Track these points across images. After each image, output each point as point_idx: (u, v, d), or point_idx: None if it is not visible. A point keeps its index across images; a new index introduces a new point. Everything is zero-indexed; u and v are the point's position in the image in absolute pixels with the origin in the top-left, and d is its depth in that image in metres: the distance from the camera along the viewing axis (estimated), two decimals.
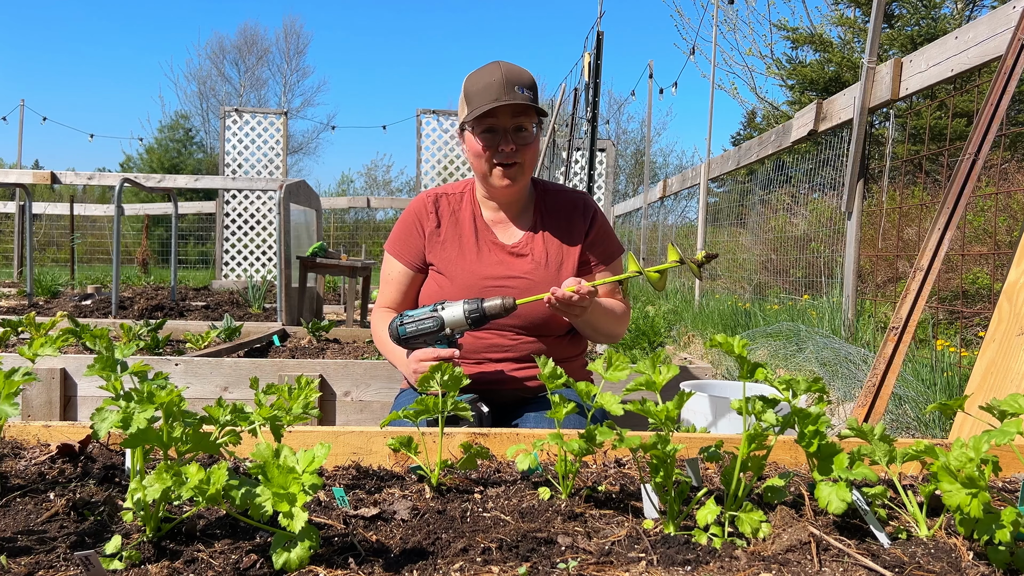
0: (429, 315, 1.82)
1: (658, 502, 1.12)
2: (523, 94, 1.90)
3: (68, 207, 11.94)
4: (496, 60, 1.96)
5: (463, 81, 1.99)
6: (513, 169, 1.96)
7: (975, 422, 1.65)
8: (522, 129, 1.94)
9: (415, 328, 1.83)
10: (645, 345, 4.80)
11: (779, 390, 1.15)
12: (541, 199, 2.13)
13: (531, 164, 2.01)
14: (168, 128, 30.97)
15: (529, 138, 1.96)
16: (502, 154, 1.94)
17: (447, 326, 1.81)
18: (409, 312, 1.85)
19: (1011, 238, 5.07)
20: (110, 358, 1.06)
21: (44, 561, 0.90)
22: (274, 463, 0.93)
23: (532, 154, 1.99)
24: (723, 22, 15.95)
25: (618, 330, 2.10)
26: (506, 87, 1.88)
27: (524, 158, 1.97)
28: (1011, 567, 0.95)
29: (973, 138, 2.22)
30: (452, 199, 2.13)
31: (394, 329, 1.84)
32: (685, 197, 12.28)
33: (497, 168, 1.96)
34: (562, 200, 2.14)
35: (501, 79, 1.89)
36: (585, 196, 2.17)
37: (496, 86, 1.88)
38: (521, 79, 1.92)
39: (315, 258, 5.47)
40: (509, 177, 1.97)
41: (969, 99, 10.32)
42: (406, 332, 1.84)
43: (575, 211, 2.12)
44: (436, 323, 1.81)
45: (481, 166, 1.98)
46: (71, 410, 3.07)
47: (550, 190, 2.16)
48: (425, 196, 2.13)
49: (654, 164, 30.22)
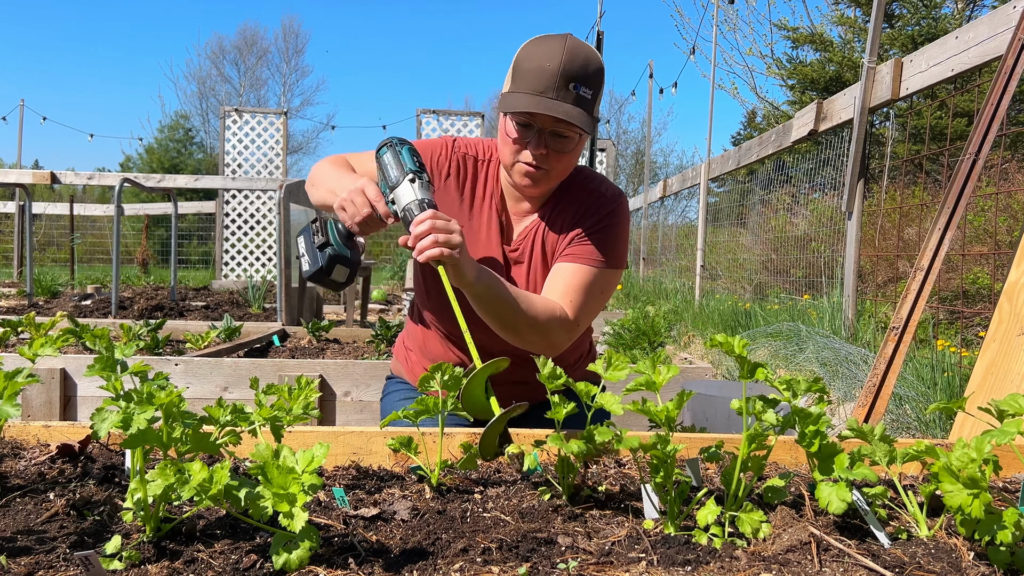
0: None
1: (658, 502, 1.11)
2: (579, 93, 1.61)
3: (68, 207, 11.94)
4: (566, 34, 1.63)
5: (520, 46, 1.68)
6: (538, 174, 1.70)
7: (976, 422, 1.65)
8: (562, 136, 1.66)
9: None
10: (645, 345, 4.79)
11: (779, 390, 1.15)
12: (563, 190, 1.83)
13: (561, 175, 1.75)
14: (168, 128, 30.98)
15: (567, 147, 1.68)
16: (529, 154, 1.68)
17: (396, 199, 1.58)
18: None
19: (1011, 238, 5.07)
20: (110, 358, 1.06)
21: (44, 561, 0.90)
22: (274, 463, 0.93)
23: (566, 164, 1.73)
24: (723, 22, 15.96)
25: (521, 329, 1.66)
26: (560, 81, 1.59)
27: (555, 167, 1.71)
28: (1012, 567, 0.95)
29: (973, 138, 2.22)
30: (478, 165, 1.84)
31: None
32: (685, 197, 12.29)
33: (521, 165, 1.70)
34: (582, 198, 1.82)
35: (558, 69, 1.58)
36: (615, 200, 1.83)
37: (549, 77, 1.59)
38: (584, 72, 1.61)
39: None
40: (531, 180, 1.71)
41: (969, 99, 10.32)
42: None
43: (588, 211, 1.80)
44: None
45: (506, 154, 1.73)
46: (71, 410, 3.07)
47: (576, 184, 1.84)
48: (449, 141, 1.85)
49: (654, 164, 30.23)
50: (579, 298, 1.73)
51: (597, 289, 1.77)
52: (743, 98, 25.10)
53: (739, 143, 14.68)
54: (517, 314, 1.64)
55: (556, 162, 1.70)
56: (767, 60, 17.96)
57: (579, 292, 1.73)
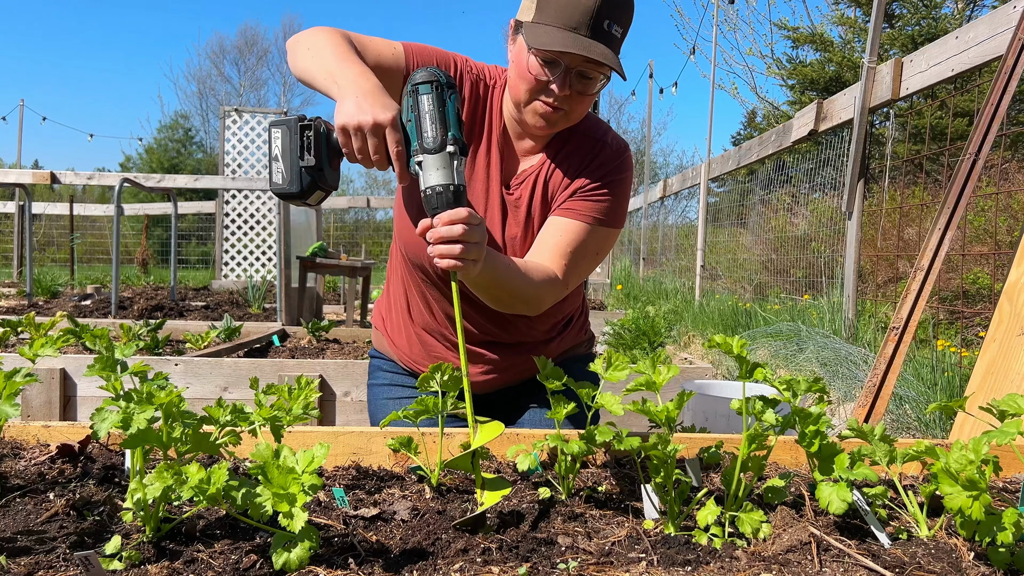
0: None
1: (658, 502, 1.11)
2: (612, 32, 1.49)
3: (68, 207, 11.94)
4: None
5: None
6: (556, 115, 1.57)
7: (976, 422, 1.65)
8: (587, 77, 1.53)
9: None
10: (645, 345, 4.79)
11: (779, 390, 1.15)
12: (570, 132, 1.69)
13: (578, 117, 1.63)
14: (168, 128, 31.04)
15: (591, 88, 1.56)
16: (551, 94, 1.53)
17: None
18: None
19: (1011, 238, 5.07)
20: (110, 358, 1.06)
21: (44, 561, 0.90)
22: (274, 463, 0.93)
23: (585, 107, 1.60)
24: (723, 22, 15.97)
25: (512, 304, 1.58)
26: (595, 19, 1.46)
27: (575, 109, 1.58)
28: (1012, 568, 0.95)
29: (973, 138, 2.22)
30: (488, 92, 1.69)
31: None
32: (685, 197, 12.28)
33: (538, 104, 1.55)
34: (588, 145, 1.70)
35: (593, 5, 1.45)
36: (621, 153, 1.71)
37: (584, 11, 1.46)
38: (620, 8, 1.49)
39: (315, 258, 5.46)
40: (546, 120, 1.57)
41: (970, 99, 10.32)
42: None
43: (593, 162, 1.68)
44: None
45: (520, 90, 1.57)
46: (71, 410, 3.07)
47: (582, 128, 1.70)
48: (459, 57, 1.68)
49: (654, 164, 30.23)
50: (574, 259, 1.62)
51: (593, 249, 1.67)
52: (743, 98, 25.14)
53: (739, 143, 14.68)
54: (512, 294, 1.55)
55: (577, 104, 1.57)
56: (767, 60, 17.97)
57: (575, 252, 1.62)
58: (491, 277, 1.46)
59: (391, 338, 1.90)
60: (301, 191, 1.37)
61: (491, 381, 1.81)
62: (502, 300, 1.57)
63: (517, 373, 1.83)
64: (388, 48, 1.57)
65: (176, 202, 7.39)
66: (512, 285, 1.53)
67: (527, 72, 1.53)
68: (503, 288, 1.52)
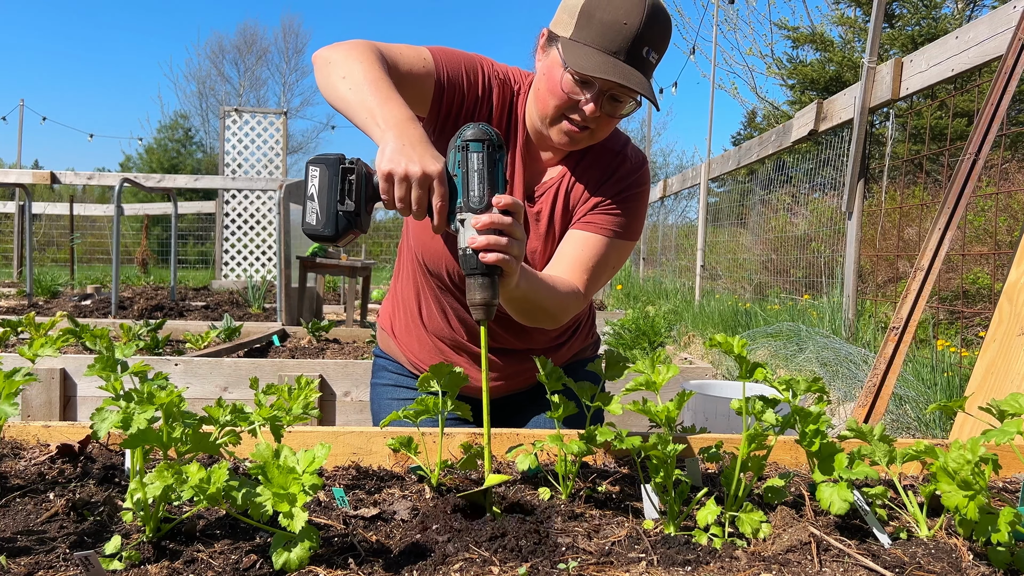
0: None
1: (658, 502, 1.12)
2: (649, 59, 1.49)
3: (68, 207, 11.93)
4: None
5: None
6: (582, 134, 1.56)
7: (976, 422, 1.65)
8: (618, 100, 1.52)
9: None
10: (645, 345, 4.79)
11: (779, 390, 1.15)
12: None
13: (602, 136, 1.61)
14: (167, 128, 31.00)
15: (620, 111, 1.55)
16: (580, 113, 1.52)
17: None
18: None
19: (1011, 238, 5.07)
20: (110, 358, 1.06)
21: (44, 561, 0.90)
22: (274, 463, 0.93)
23: (610, 127, 1.60)
24: (723, 22, 15.98)
25: (538, 317, 1.55)
26: (635, 45, 1.45)
27: (601, 128, 1.57)
28: (1011, 567, 0.95)
29: (973, 138, 2.22)
30: (514, 97, 1.66)
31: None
32: (685, 197, 12.28)
33: (565, 123, 1.54)
34: (608, 158, 1.69)
35: (636, 31, 1.44)
36: (640, 167, 1.71)
37: (625, 37, 1.45)
38: (660, 37, 1.49)
39: (315, 258, 5.47)
40: (571, 139, 1.56)
41: (969, 99, 10.32)
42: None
43: (614, 175, 1.68)
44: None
45: (548, 106, 1.54)
46: (71, 410, 3.08)
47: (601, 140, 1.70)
48: (485, 62, 1.65)
49: (654, 164, 30.22)
50: (595, 272, 1.63)
51: (613, 262, 1.68)
52: (743, 98, 25.13)
53: (739, 143, 14.68)
54: (541, 307, 1.51)
55: (605, 125, 1.57)
56: (767, 60, 17.99)
57: (596, 266, 1.63)
58: (526, 290, 1.42)
59: (398, 340, 1.90)
60: (336, 235, 1.33)
61: (498, 388, 1.82)
62: (528, 313, 1.53)
63: (524, 380, 1.84)
64: (418, 58, 1.55)
65: (176, 202, 7.39)
66: (542, 298, 1.50)
67: (559, 89, 1.51)
68: (533, 301, 1.48)
